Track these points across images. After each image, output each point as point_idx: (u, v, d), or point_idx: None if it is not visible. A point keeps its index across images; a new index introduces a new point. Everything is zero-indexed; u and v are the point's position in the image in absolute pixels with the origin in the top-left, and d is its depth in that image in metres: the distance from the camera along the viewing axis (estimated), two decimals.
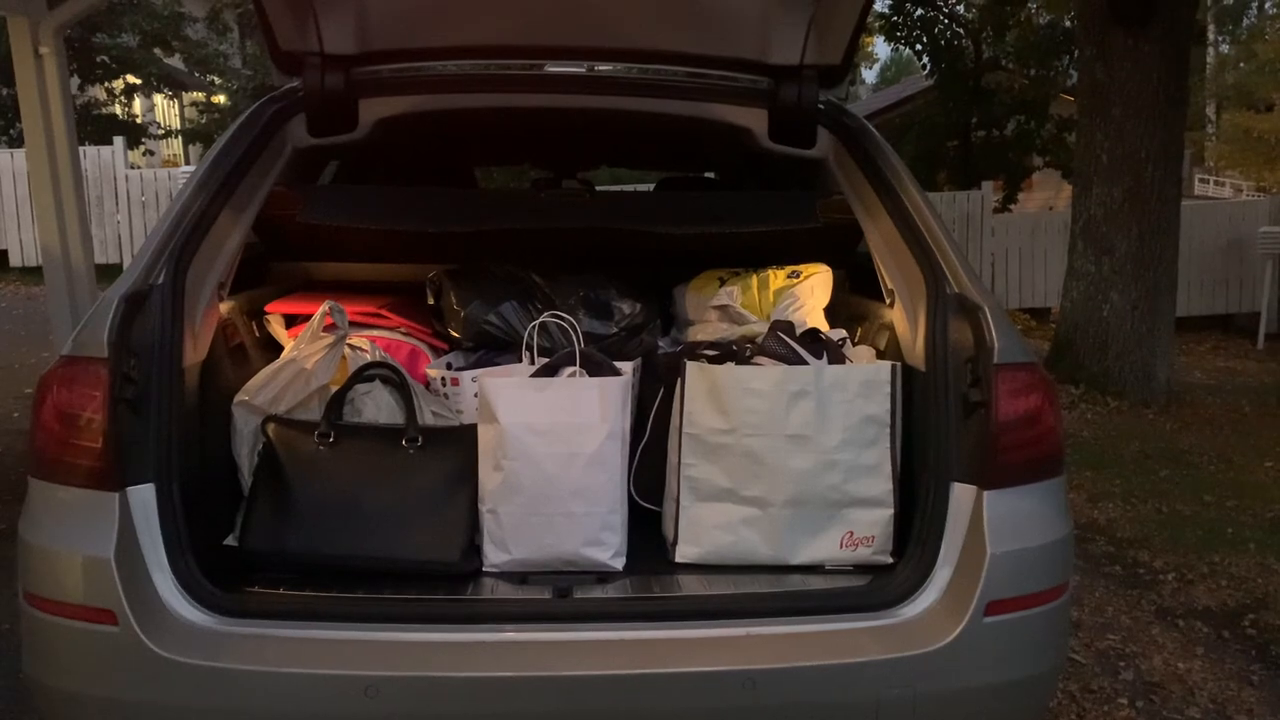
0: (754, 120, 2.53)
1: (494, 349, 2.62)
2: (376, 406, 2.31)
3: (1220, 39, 25.99)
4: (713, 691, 1.78)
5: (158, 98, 19.09)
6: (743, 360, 2.28)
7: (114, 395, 1.80)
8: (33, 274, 11.21)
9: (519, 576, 2.10)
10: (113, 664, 1.75)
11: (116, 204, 12.31)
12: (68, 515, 1.81)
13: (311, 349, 2.35)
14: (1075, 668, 3.35)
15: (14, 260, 12.46)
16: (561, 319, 2.37)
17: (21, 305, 10.92)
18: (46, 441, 1.84)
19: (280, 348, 2.53)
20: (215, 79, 18.96)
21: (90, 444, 1.79)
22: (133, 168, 13.09)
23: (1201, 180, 23.89)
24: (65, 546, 1.80)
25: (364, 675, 1.71)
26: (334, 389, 2.33)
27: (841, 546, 2.15)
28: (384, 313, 2.73)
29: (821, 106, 2.47)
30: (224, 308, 2.33)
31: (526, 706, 1.75)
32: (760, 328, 2.51)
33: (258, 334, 2.60)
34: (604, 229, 2.72)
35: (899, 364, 2.18)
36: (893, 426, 2.14)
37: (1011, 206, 14.72)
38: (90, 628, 1.75)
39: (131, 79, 16.75)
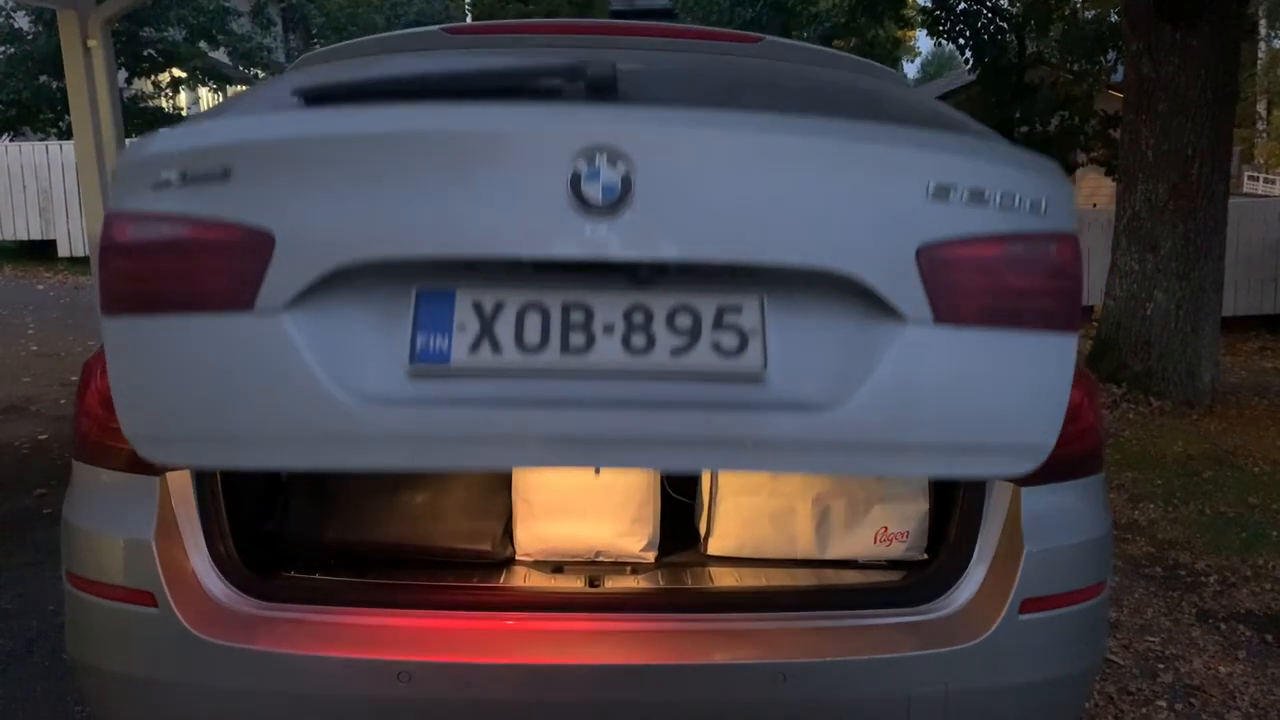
0: None
1: None
2: None
3: (1272, 34, 25.49)
4: (743, 685, 1.77)
5: (203, 91, 19.36)
6: None
7: None
8: (80, 264, 11.44)
9: (552, 565, 2.11)
10: (151, 645, 1.78)
11: None
12: (109, 498, 1.84)
13: None
14: (1113, 669, 3.31)
15: (62, 250, 12.72)
16: None
17: (69, 295, 11.14)
18: (90, 425, 1.87)
19: None
20: (259, 72, 19.19)
21: None
22: None
23: (1251, 178, 23.49)
24: (106, 528, 1.83)
25: (397, 661, 1.73)
26: None
27: (875, 541, 2.14)
28: None
29: None
30: None
31: (557, 695, 1.76)
32: None
33: None
34: None
35: None
36: None
37: None
38: (130, 609, 1.78)
39: (177, 72, 17.01)
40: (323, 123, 1.61)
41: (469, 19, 24.86)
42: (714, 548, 2.17)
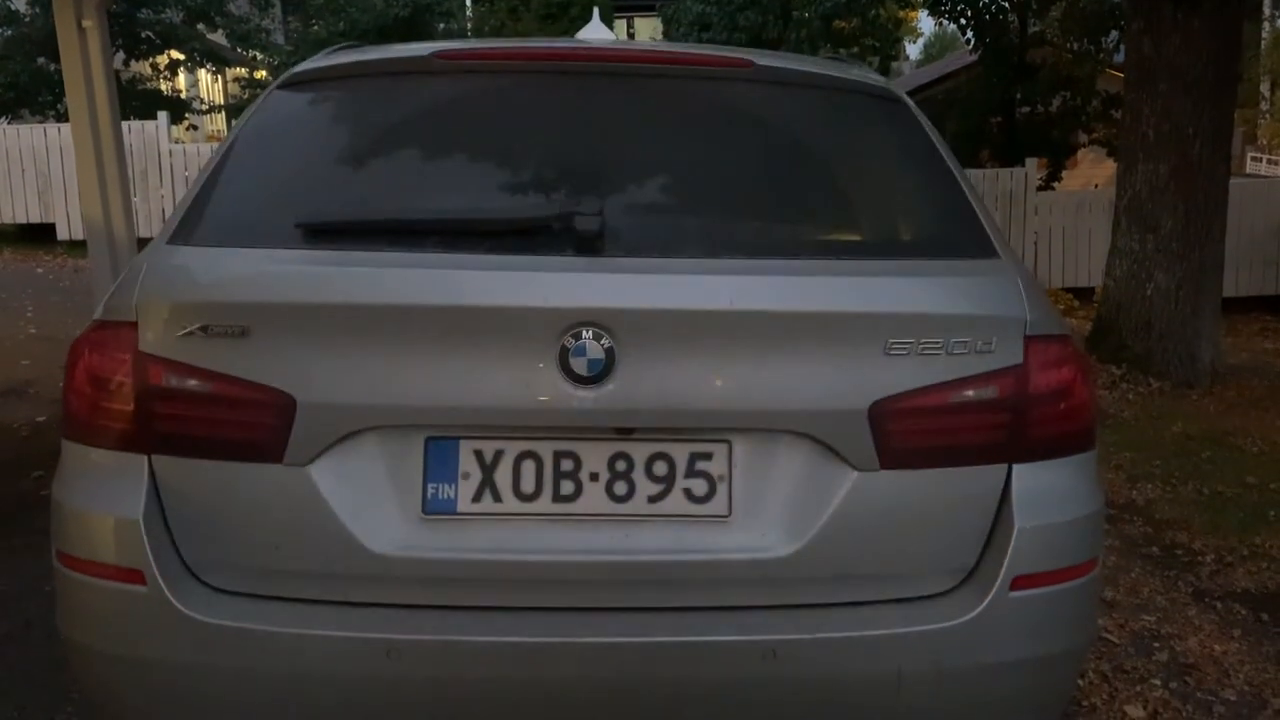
0: None
1: None
2: None
3: (1276, 14, 25.33)
4: (733, 661, 1.77)
5: (201, 73, 19.29)
6: None
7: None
8: (79, 247, 11.35)
9: None
10: (140, 623, 1.78)
11: (160, 179, 12.48)
12: (98, 477, 1.84)
13: None
14: (1108, 648, 3.32)
15: (61, 234, 12.67)
16: None
17: (69, 278, 11.12)
18: (79, 404, 1.86)
19: None
20: (257, 54, 19.12)
21: (121, 407, 1.81)
22: (176, 142, 13.25)
23: (1254, 159, 23.37)
24: (95, 507, 1.83)
25: (386, 638, 1.72)
26: None
27: None
28: None
29: None
30: None
31: (546, 672, 1.76)
32: None
33: None
34: None
35: None
36: None
37: (1055, 184, 14.52)
38: (119, 587, 1.78)
39: (175, 54, 16.94)
40: (331, 289, 1.75)
41: (469, 4, 24.74)
42: None
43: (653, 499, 1.79)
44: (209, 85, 21.40)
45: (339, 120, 2.24)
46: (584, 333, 1.71)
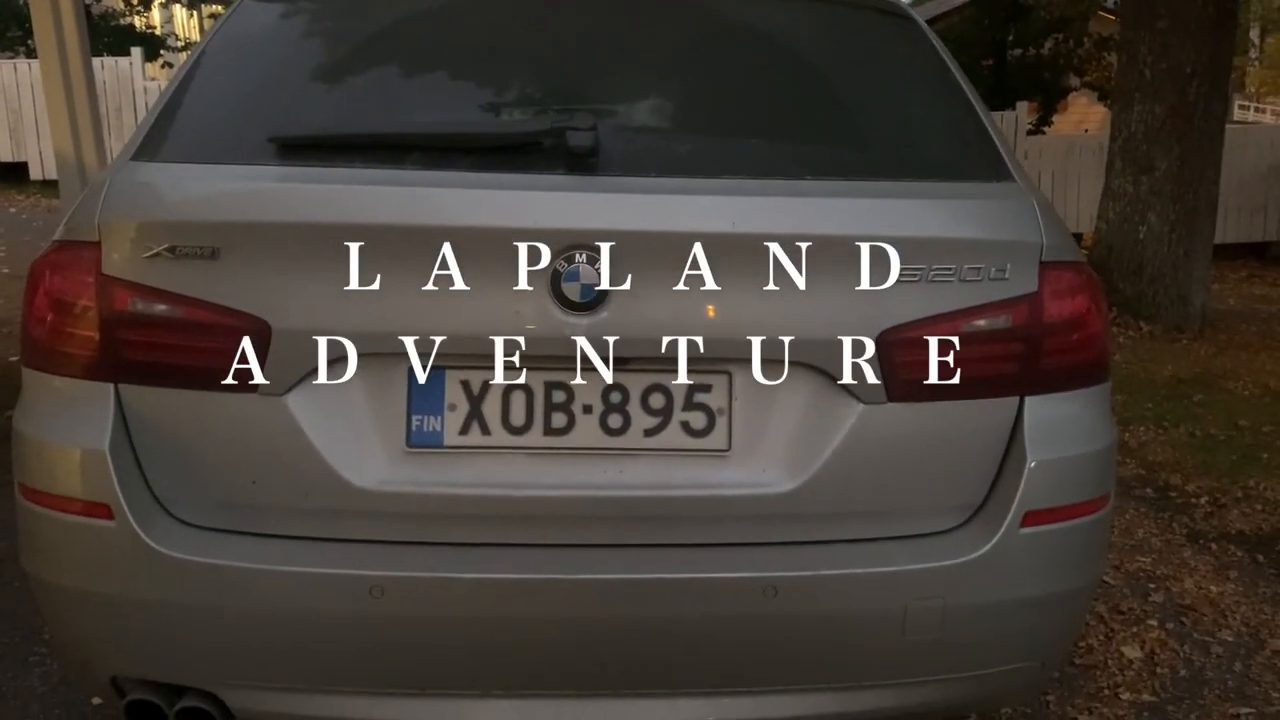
0: None
1: None
2: None
3: None
4: (732, 598, 1.70)
5: (176, 8, 18.81)
6: None
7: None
8: (53, 187, 11.12)
9: None
10: (108, 559, 1.69)
11: (135, 117, 12.18)
12: (62, 406, 1.73)
13: None
14: (1104, 589, 3.28)
15: (34, 173, 12.42)
16: None
17: (42, 218, 10.89)
18: (40, 330, 1.75)
19: None
20: None
21: (84, 332, 1.71)
22: (151, 80, 12.93)
23: (1241, 106, 23.28)
24: (59, 439, 1.72)
25: (369, 575, 1.64)
26: None
27: None
28: None
29: None
30: None
31: (537, 610, 1.68)
32: None
33: None
34: None
35: None
36: None
37: (1045, 128, 14.38)
38: (85, 522, 1.68)
39: None
40: (307, 208, 1.63)
41: None
42: None
43: (649, 432, 1.71)
44: (184, 21, 20.86)
45: (315, 30, 2.11)
46: (577, 256, 1.61)
